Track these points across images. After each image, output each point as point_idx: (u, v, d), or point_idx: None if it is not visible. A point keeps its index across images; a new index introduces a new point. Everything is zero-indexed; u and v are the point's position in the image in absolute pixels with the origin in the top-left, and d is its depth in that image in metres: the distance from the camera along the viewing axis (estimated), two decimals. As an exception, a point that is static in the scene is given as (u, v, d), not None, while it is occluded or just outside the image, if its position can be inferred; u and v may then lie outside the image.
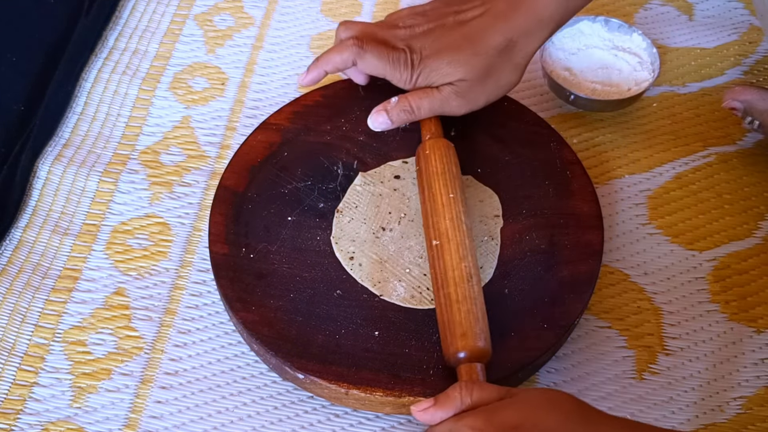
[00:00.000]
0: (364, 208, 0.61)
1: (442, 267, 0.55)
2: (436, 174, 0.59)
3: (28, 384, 0.57)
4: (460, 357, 0.52)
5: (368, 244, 0.60)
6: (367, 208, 0.61)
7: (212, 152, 0.69)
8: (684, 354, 0.59)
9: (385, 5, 0.80)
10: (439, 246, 0.56)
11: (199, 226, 0.65)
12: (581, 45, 0.72)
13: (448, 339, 0.53)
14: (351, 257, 0.59)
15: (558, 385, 0.57)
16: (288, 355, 0.54)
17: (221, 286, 0.58)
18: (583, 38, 0.73)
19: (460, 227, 0.56)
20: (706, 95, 0.73)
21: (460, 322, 0.52)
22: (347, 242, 0.60)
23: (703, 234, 0.64)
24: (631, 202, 0.66)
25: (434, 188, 0.58)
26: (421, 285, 0.58)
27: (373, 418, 0.56)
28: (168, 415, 0.56)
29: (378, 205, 0.62)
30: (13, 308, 0.60)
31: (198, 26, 0.78)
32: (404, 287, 0.58)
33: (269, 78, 0.74)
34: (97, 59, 0.75)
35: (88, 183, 0.67)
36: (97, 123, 0.71)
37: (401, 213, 0.61)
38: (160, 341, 0.59)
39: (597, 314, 0.60)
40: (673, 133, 0.70)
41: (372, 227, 0.61)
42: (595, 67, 0.71)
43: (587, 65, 0.71)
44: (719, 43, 0.77)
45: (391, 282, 0.58)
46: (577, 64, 0.71)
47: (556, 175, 0.63)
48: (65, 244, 0.64)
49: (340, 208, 0.61)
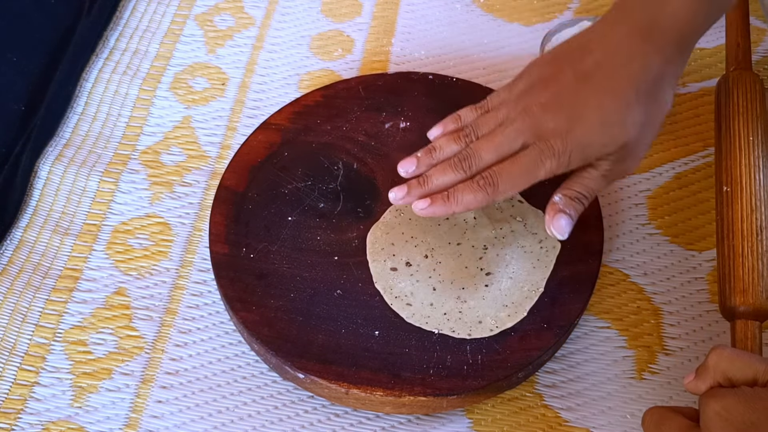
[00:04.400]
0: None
1: (731, 216, 0.52)
2: (737, 112, 0.54)
3: (28, 384, 0.57)
4: (740, 310, 0.50)
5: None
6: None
7: (213, 152, 0.69)
8: (684, 354, 0.59)
9: (386, 5, 0.80)
10: (730, 193, 0.52)
11: (200, 226, 0.65)
12: (581, 45, 0.72)
13: (727, 292, 0.51)
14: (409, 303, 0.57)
15: (557, 386, 0.57)
16: (288, 355, 0.54)
17: (221, 286, 0.58)
18: (583, 38, 0.73)
19: (756, 175, 0.52)
20: (706, 95, 0.73)
21: (742, 278, 0.50)
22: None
23: (702, 234, 0.64)
24: (630, 203, 0.66)
25: (733, 128, 0.53)
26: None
27: (373, 417, 0.56)
28: (168, 415, 0.56)
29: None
30: (14, 308, 0.60)
31: (198, 26, 0.78)
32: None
33: (270, 78, 0.74)
34: (97, 59, 0.75)
35: (88, 183, 0.67)
36: (98, 123, 0.71)
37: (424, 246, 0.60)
38: (160, 341, 0.59)
39: (597, 314, 0.61)
40: (672, 133, 0.70)
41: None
42: (595, 68, 0.71)
43: (587, 65, 0.71)
44: (719, 43, 0.77)
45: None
46: (577, 65, 0.71)
47: (555, 175, 0.63)
48: (66, 244, 0.64)
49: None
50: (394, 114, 0.67)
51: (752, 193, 0.52)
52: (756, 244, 0.51)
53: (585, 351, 0.59)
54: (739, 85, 0.55)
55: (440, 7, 0.79)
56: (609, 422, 0.56)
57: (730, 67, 0.56)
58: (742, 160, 0.53)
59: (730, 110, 0.54)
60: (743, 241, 0.51)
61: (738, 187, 0.52)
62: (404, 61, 0.70)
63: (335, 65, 0.75)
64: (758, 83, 0.55)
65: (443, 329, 0.56)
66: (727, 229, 0.52)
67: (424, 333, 0.56)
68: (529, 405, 0.57)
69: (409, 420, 0.56)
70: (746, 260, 0.50)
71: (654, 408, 0.47)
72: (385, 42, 0.77)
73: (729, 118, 0.54)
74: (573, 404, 0.57)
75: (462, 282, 0.57)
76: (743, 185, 0.52)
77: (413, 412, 0.55)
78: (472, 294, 0.57)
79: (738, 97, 0.54)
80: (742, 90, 0.55)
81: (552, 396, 0.57)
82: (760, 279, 0.50)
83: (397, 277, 0.58)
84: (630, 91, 0.48)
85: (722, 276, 0.52)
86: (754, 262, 0.50)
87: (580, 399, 0.57)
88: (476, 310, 0.56)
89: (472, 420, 0.56)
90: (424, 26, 0.78)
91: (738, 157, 0.53)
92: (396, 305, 0.57)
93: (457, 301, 0.57)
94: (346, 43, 0.77)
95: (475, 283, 0.57)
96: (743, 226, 0.51)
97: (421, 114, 0.66)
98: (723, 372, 0.45)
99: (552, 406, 0.57)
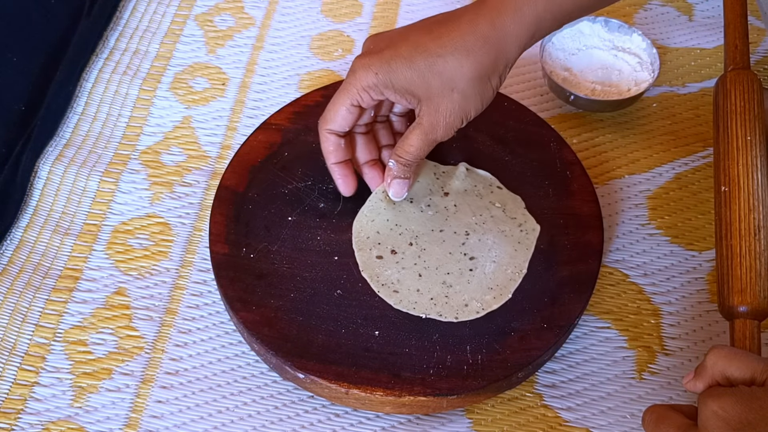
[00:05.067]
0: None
1: (728, 217, 0.52)
2: (735, 112, 0.54)
3: (28, 383, 0.57)
4: (739, 310, 0.50)
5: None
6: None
7: (213, 152, 0.69)
8: (683, 354, 0.59)
9: (386, 5, 0.80)
10: (728, 193, 0.52)
11: (200, 226, 0.65)
12: (581, 45, 0.73)
13: (725, 292, 0.51)
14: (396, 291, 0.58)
15: (557, 386, 0.57)
16: (288, 355, 0.54)
17: (222, 286, 0.58)
18: (583, 38, 0.73)
19: (754, 174, 0.53)
20: (706, 95, 0.73)
21: (740, 278, 0.50)
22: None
23: (702, 234, 0.64)
24: (630, 203, 0.66)
25: (731, 128, 0.54)
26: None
27: (373, 417, 0.56)
28: (168, 415, 0.56)
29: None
30: (14, 308, 0.60)
31: (198, 26, 0.78)
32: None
33: (270, 78, 0.74)
34: (98, 59, 0.75)
35: (88, 183, 0.67)
36: (98, 123, 0.71)
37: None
38: (160, 341, 0.59)
39: (597, 314, 0.61)
40: (673, 134, 0.71)
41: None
42: (595, 68, 0.71)
43: (587, 65, 0.72)
44: (719, 43, 0.77)
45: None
46: (577, 65, 0.72)
47: (556, 176, 0.63)
48: (66, 244, 0.64)
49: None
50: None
51: (750, 193, 0.52)
52: (754, 244, 0.51)
53: (585, 351, 0.59)
54: (737, 85, 0.56)
55: (440, 8, 0.79)
56: (609, 422, 0.56)
57: (728, 67, 0.57)
58: (739, 160, 0.53)
59: (727, 110, 0.55)
60: (741, 240, 0.51)
61: (736, 187, 0.52)
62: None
63: (335, 65, 0.75)
64: (756, 83, 0.56)
65: (430, 314, 0.56)
66: (725, 229, 0.52)
67: (424, 333, 0.56)
68: (529, 405, 0.57)
69: (409, 420, 0.56)
70: (744, 260, 0.50)
71: (654, 406, 0.47)
72: (385, 42, 0.77)
73: (727, 118, 0.54)
74: (573, 404, 0.57)
75: (447, 267, 0.58)
76: (741, 185, 0.52)
77: (413, 412, 0.55)
78: (458, 279, 0.58)
79: (735, 97, 0.55)
80: (739, 90, 0.55)
81: (552, 396, 0.57)
82: (758, 278, 0.50)
83: (384, 264, 0.58)
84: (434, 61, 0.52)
85: (721, 276, 0.52)
86: (752, 262, 0.50)
87: (580, 399, 0.57)
88: (462, 294, 0.57)
89: (472, 420, 0.56)
90: (424, 26, 0.78)
91: (736, 157, 0.53)
92: (383, 292, 0.57)
93: (443, 286, 0.57)
94: (346, 43, 0.77)
95: (459, 268, 0.58)
96: (741, 226, 0.51)
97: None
98: (721, 371, 0.45)
99: (552, 406, 0.57)
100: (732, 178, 0.53)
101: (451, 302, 0.57)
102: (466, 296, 0.57)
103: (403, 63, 0.52)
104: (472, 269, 0.58)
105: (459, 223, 0.60)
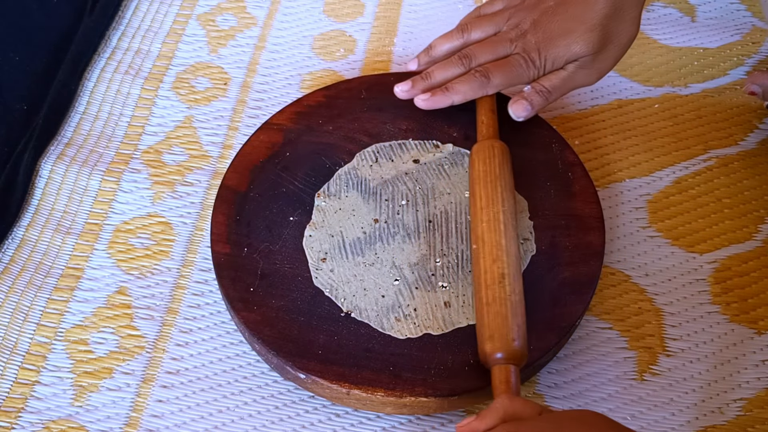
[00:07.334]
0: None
1: (478, 271, 0.55)
2: (478, 178, 0.59)
3: (29, 382, 0.57)
4: (493, 357, 0.51)
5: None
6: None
7: (214, 152, 0.69)
8: (685, 355, 0.59)
9: (388, 5, 0.80)
10: (476, 250, 0.56)
11: (201, 226, 0.65)
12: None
13: (479, 342, 0.53)
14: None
15: (558, 386, 0.57)
16: (289, 355, 0.54)
17: (223, 286, 0.58)
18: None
19: (497, 228, 0.56)
20: (708, 96, 0.73)
21: (488, 325, 0.52)
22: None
23: (703, 237, 0.64)
24: (631, 206, 0.66)
25: (476, 191, 0.58)
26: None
27: (374, 418, 0.56)
28: (169, 414, 0.56)
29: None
30: (15, 307, 0.60)
31: (201, 26, 0.78)
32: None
33: (272, 78, 0.74)
34: (100, 59, 0.75)
35: (90, 182, 0.67)
36: (100, 122, 0.71)
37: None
38: (161, 340, 0.59)
39: (598, 315, 0.61)
40: (674, 135, 0.70)
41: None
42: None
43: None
44: (722, 42, 0.77)
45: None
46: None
47: (557, 177, 0.63)
48: (67, 243, 0.64)
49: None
50: (396, 115, 0.67)
51: (494, 245, 0.55)
52: (498, 290, 0.53)
53: (586, 352, 0.59)
54: (479, 154, 0.60)
55: (442, 8, 0.79)
56: (610, 423, 0.56)
57: (479, 138, 0.62)
58: (483, 218, 0.56)
59: (473, 177, 0.59)
60: (488, 290, 0.53)
61: (482, 243, 0.55)
62: (406, 62, 0.70)
63: (337, 65, 0.75)
64: (497, 148, 0.60)
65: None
66: (476, 282, 0.54)
67: (425, 334, 0.56)
68: (529, 406, 0.57)
69: (409, 420, 0.56)
70: (491, 308, 0.52)
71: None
72: (387, 42, 0.77)
73: (473, 184, 0.59)
74: (574, 405, 0.57)
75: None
76: (485, 240, 0.55)
77: (414, 412, 0.55)
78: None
79: (478, 164, 0.59)
80: (481, 157, 0.60)
81: (553, 397, 0.57)
82: (505, 322, 0.52)
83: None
84: (593, 19, 0.61)
85: (476, 328, 0.54)
86: (498, 308, 0.52)
87: (581, 400, 0.57)
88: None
89: (473, 421, 0.56)
90: (427, 27, 0.78)
91: (480, 215, 0.57)
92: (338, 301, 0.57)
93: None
94: (348, 43, 0.77)
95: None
96: (487, 277, 0.54)
97: (423, 114, 0.66)
98: (512, 414, 0.46)
99: (553, 406, 0.57)
100: (479, 236, 0.56)
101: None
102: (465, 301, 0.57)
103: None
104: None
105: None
